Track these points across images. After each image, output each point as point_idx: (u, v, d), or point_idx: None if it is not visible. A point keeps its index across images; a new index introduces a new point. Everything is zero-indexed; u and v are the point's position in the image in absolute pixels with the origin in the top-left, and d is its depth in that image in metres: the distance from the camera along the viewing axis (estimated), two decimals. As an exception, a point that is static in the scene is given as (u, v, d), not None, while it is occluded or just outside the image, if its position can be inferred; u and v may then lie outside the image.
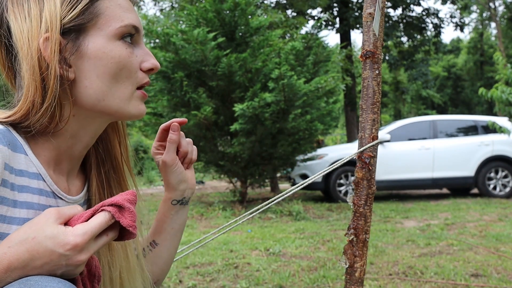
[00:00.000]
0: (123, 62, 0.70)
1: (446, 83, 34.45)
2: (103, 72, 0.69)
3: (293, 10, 11.68)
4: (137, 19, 0.74)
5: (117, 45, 0.70)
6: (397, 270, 2.79)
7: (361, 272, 1.02)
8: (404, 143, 7.49)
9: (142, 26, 0.76)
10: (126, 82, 0.71)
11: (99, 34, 0.69)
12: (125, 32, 0.71)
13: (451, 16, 18.26)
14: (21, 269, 0.57)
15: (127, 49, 0.71)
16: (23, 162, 0.65)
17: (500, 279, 2.52)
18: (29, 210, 0.65)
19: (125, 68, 0.71)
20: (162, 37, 6.01)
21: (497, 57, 5.29)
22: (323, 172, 1.16)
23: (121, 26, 0.70)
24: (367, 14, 1.05)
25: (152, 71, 0.75)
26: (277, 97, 5.49)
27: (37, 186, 0.67)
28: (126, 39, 0.71)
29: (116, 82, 0.70)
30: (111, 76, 0.69)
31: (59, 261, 0.57)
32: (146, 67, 0.74)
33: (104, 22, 0.70)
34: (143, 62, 0.74)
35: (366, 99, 1.05)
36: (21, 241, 0.58)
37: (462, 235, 3.97)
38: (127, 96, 0.72)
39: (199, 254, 3.35)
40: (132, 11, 0.74)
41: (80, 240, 0.57)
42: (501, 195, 7.19)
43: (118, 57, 0.70)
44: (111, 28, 0.70)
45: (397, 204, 6.80)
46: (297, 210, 5.43)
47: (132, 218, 0.62)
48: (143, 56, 0.74)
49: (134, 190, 0.66)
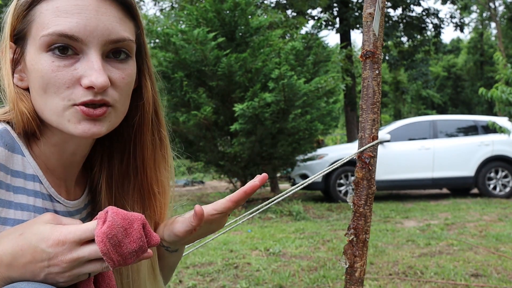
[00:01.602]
0: (46, 77, 0.62)
1: (446, 83, 34.45)
2: (34, 84, 0.64)
3: (293, 10, 11.67)
4: (77, 25, 0.61)
5: (42, 57, 0.62)
6: (397, 270, 2.79)
7: (361, 272, 1.02)
8: (404, 143, 7.49)
9: (99, 32, 0.63)
10: (55, 98, 0.63)
11: (32, 44, 0.64)
12: (50, 42, 0.61)
13: (451, 16, 18.26)
14: (6, 267, 0.56)
15: (53, 62, 0.62)
16: (20, 163, 0.64)
17: (500, 279, 2.52)
18: (23, 212, 0.64)
19: (50, 84, 0.62)
20: (162, 37, 6.01)
21: (497, 57, 5.29)
22: (323, 172, 1.16)
23: (43, 35, 0.62)
24: (367, 14, 1.05)
25: (93, 89, 0.62)
26: (277, 97, 5.49)
27: (33, 188, 0.66)
28: (55, 51, 0.62)
29: (47, 97, 0.63)
30: (42, 90, 0.63)
31: (41, 259, 0.55)
32: (83, 83, 0.62)
33: (35, 31, 0.63)
34: (82, 77, 0.62)
35: (366, 99, 1.05)
36: (9, 237, 0.57)
37: (462, 235, 3.97)
38: (59, 112, 0.63)
39: (199, 254, 3.35)
40: (76, 13, 0.62)
41: (63, 238, 0.55)
42: (501, 195, 7.19)
43: (41, 70, 0.62)
44: (37, 38, 0.62)
45: (397, 204, 6.80)
46: (297, 210, 5.43)
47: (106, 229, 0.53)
48: (85, 71, 0.62)
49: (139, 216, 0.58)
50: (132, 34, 0.69)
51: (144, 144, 0.76)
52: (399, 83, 25.31)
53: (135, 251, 0.55)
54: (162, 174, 0.79)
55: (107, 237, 0.53)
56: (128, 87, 0.69)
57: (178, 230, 0.73)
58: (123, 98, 0.68)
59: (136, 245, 0.55)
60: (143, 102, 0.75)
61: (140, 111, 0.75)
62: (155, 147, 0.78)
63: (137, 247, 0.55)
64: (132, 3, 0.69)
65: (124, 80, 0.67)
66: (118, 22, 0.65)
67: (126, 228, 0.54)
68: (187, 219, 0.72)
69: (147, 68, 0.77)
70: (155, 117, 0.77)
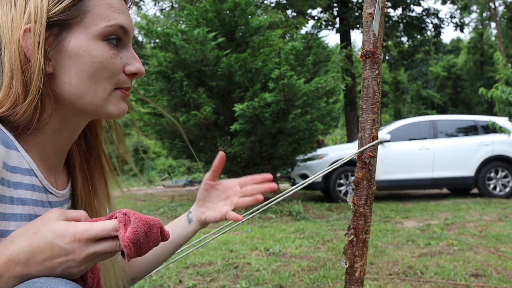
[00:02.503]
0: (104, 62, 0.69)
1: (446, 83, 34.46)
2: (83, 70, 0.68)
3: (293, 10, 11.68)
4: (127, 21, 0.72)
5: (100, 45, 0.69)
6: (397, 270, 2.79)
7: (361, 272, 1.02)
8: (404, 143, 7.49)
9: (133, 29, 0.75)
10: (105, 82, 0.70)
11: (83, 32, 0.68)
12: (110, 32, 0.69)
13: (451, 16, 18.26)
14: (23, 265, 0.57)
15: (110, 50, 0.70)
16: (15, 158, 0.65)
17: (500, 279, 2.52)
18: (24, 206, 0.65)
19: (106, 69, 0.69)
20: (162, 37, 6.01)
21: (497, 57, 5.29)
22: (323, 172, 1.16)
23: (106, 25, 0.69)
24: (367, 14, 1.05)
25: (136, 76, 0.74)
26: (277, 97, 5.49)
27: (30, 182, 0.67)
28: (111, 41, 0.70)
29: (95, 82, 0.69)
30: (90, 75, 0.68)
31: (59, 255, 0.57)
32: (129, 70, 0.73)
33: (90, 21, 0.68)
34: (127, 65, 0.73)
35: (366, 99, 1.04)
36: (23, 235, 0.59)
37: (462, 235, 3.97)
38: (105, 95, 0.71)
39: (199, 254, 3.35)
40: (123, 12, 0.72)
41: (80, 234, 0.58)
42: (501, 195, 7.19)
43: (99, 57, 0.68)
44: (96, 27, 0.68)
45: (397, 204, 6.80)
46: (297, 210, 5.43)
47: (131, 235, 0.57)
48: (129, 60, 0.73)
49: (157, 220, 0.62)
50: None
51: (95, 122, 0.84)
52: (399, 83, 25.30)
53: (150, 248, 0.62)
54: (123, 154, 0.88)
55: (132, 242, 0.58)
56: None
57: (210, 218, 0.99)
58: None
59: (153, 245, 0.62)
60: None
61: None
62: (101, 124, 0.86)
63: (153, 246, 0.62)
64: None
65: None
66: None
67: (147, 232, 0.60)
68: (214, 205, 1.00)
69: None
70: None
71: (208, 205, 1.01)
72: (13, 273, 0.57)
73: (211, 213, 0.99)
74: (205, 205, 1.01)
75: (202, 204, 1.01)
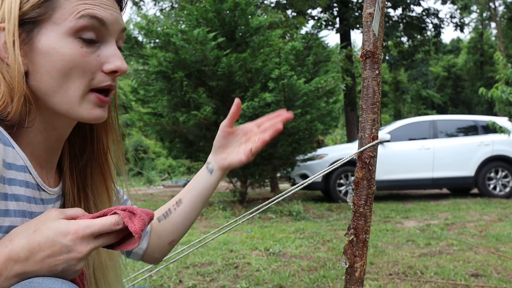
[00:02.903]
0: (74, 61, 0.65)
1: (446, 83, 34.46)
2: (52, 68, 0.66)
3: (293, 10, 11.67)
4: (104, 12, 0.67)
5: (70, 42, 0.65)
6: (397, 270, 2.79)
7: (361, 272, 1.02)
8: (404, 143, 7.49)
9: (116, 22, 0.70)
10: (76, 82, 0.66)
11: (54, 29, 0.65)
12: (81, 26, 0.65)
13: (451, 16, 18.26)
14: (22, 263, 0.57)
15: (82, 48, 0.66)
16: (11, 155, 0.65)
17: (500, 279, 2.52)
18: (18, 202, 0.65)
19: (76, 68, 0.66)
20: (162, 37, 6.01)
21: (497, 57, 5.29)
22: (323, 172, 1.16)
23: (75, 18, 0.65)
24: (367, 14, 1.05)
25: (117, 74, 0.69)
26: (277, 97, 5.48)
27: (24, 178, 0.67)
28: (84, 37, 0.66)
29: (65, 81, 0.66)
30: (60, 74, 0.66)
31: (60, 253, 0.57)
32: (107, 68, 0.68)
33: (60, 16, 0.66)
34: (105, 63, 0.68)
35: (366, 99, 1.04)
36: (22, 234, 0.58)
37: (462, 235, 3.97)
38: (76, 97, 0.67)
39: (199, 254, 3.35)
40: (101, 4, 0.68)
41: (82, 231, 0.58)
42: (501, 195, 7.19)
43: (68, 55, 0.65)
44: (65, 23, 0.65)
45: (397, 204, 6.80)
46: (297, 210, 5.43)
47: (141, 226, 0.61)
48: (108, 57, 0.68)
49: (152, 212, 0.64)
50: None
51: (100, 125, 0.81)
52: (399, 83, 25.31)
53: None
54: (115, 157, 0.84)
55: (142, 232, 0.61)
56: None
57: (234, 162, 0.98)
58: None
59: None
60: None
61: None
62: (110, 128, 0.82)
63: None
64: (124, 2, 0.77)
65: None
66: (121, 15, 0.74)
67: (149, 222, 0.64)
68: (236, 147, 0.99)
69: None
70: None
71: (229, 151, 1.00)
72: (12, 271, 0.57)
73: (235, 156, 0.98)
74: (226, 151, 1.00)
75: (222, 151, 1.00)
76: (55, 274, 0.58)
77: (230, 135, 1.00)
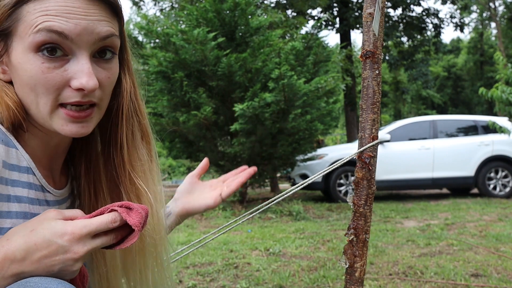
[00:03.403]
0: (35, 77, 0.63)
1: (446, 83, 34.44)
2: (22, 82, 0.65)
3: (293, 10, 11.67)
4: (66, 25, 0.62)
5: (31, 58, 0.63)
6: (397, 270, 2.79)
7: (361, 272, 1.02)
8: (404, 143, 7.49)
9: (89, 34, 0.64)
10: (43, 98, 0.64)
11: (20, 43, 0.64)
12: (40, 41, 0.62)
13: (451, 16, 18.25)
14: (18, 263, 0.57)
15: (43, 63, 0.62)
16: (14, 156, 0.66)
17: (500, 279, 2.52)
18: (20, 204, 0.65)
19: (38, 84, 0.63)
20: (162, 37, 6.01)
21: (498, 57, 5.29)
22: (323, 172, 1.16)
23: (32, 32, 0.62)
24: (367, 14, 1.05)
25: (83, 91, 0.64)
26: (277, 97, 5.48)
27: (27, 180, 0.67)
28: (45, 51, 0.62)
29: (34, 96, 0.64)
30: (28, 89, 0.64)
31: (57, 253, 0.57)
32: (73, 85, 0.63)
33: (22, 29, 0.63)
34: (72, 79, 0.64)
35: (366, 99, 1.04)
36: (19, 233, 0.58)
37: (462, 235, 3.97)
38: (46, 112, 0.65)
39: (199, 254, 3.35)
40: (66, 14, 0.62)
41: (79, 231, 0.58)
42: (501, 195, 7.19)
43: (29, 71, 0.63)
44: (26, 37, 0.62)
45: (397, 204, 6.80)
46: (297, 210, 5.43)
47: (139, 219, 0.61)
48: (75, 73, 0.64)
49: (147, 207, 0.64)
50: (117, 31, 0.70)
51: (119, 130, 0.77)
52: (399, 83, 25.31)
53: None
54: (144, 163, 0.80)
55: (141, 226, 0.62)
56: (112, 85, 0.72)
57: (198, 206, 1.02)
58: (106, 96, 0.70)
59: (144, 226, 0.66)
60: (120, 90, 0.76)
61: (116, 98, 0.76)
62: (133, 134, 0.79)
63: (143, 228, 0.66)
64: (116, 2, 0.70)
65: (110, 80, 0.70)
66: (105, 20, 0.67)
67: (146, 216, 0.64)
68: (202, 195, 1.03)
69: (126, 61, 0.78)
70: (133, 107, 0.78)
71: (194, 197, 1.04)
72: (8, 271, 0.56)
73: (201, 201, 1.02)
74: (190, 196, 1.04)
75: (186, 196, 1.04)
76: (52, 275, 0.58)
77: (196, 184, 1.06)
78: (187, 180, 1.06)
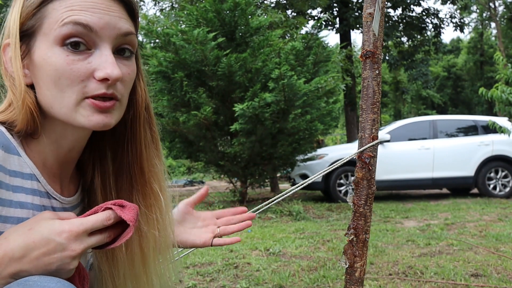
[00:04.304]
0: (60, 70, 0.64)
1: (446, 83, 34.45)
2: (46, 79, 0.66)
3: (293, 10, 11.67)
4: (90, 17, 0.65)
5: (56, 52, 0.65)
6: (397, 270, 2.79)
7: (361, 272, 1.02)
8: (404, 143, 7.49)
9: (111, 28, 0.67)
10: (68, 91, 0.65)
11: (44, 40, 0.66)
12: (65, 34, 0.64)
13: (451, 16, 18.24)
14: (17, 261, 0.57)
15: (68, 56, 0.64)
16: (16, 163, 0.66)
17: (500, 279, 2.52)
18: (23, 210, 0.66)
19: (64, 77, 0.65)
20: (162, 37, 6.01)
21: (498, 57, 5.29)
22: (323, 172, 1.16)
23: (58, 26, 0.64)
24: (367, 14, 1.05)
25: (109, 82, 0.66)
26: (277, 97, 5.48)
27: (31, 186, 0.68)
28: (69, 45, 0.64)
29: (59, 91, 0.66)
30: (53, 84, 0.65)
31: (55, 251, 0.58)
32: (97, 76, 0.65)
33: (47, 26, 0.65)
34: (96, 70, 0.65)
35: (366, 99, 1.05)
36: (17, 232, 0.59)
37: (462, 235, 3.97)
38: (71, 105, 0.66)
39: (199, 254, 3.35)
40: (89, 9, 0.65)
41: (76, 229, 0.59)
42: (501, 195, 7.19)
43: (54, 64, 0.64)
44: (51, 32, 0.65)
45: (397, 204, 6.80)
46: (297, 210, 5.43)
47: (133, 215, 0.63)
48: (99, 64, 0.65)
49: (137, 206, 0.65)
50: (134, 32, 0.73)
51: (138, 139, 0.79)
52: (399, 83, 25.32)
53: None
54: (157, 168, 0.81)
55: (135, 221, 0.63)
56: (131, 82, 0.73)
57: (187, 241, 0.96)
58: (126, 93, 0.72)
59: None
60: (136, 98, 0.78)
61: (133, 107, 0.78)
62: (148, 142, 0.80)
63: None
64: (135, 5, 0.73)
65: (130, 76, 0.71)
66: (125, 19, 0.70)
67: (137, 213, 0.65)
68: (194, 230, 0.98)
69: (139, 69, 0.80)
70: (146, 113, 0.81)
71: (183, 229, 0.99)
72: (7, 270, 0.57)
73: (190, 236, 0.97)
74: (181, 227, 0.99)
75: (177, 225, 0.98)
76: (50, 273, 0.59)
77: (188, 213, 1.01)
78: (180, 208, 1.00)
